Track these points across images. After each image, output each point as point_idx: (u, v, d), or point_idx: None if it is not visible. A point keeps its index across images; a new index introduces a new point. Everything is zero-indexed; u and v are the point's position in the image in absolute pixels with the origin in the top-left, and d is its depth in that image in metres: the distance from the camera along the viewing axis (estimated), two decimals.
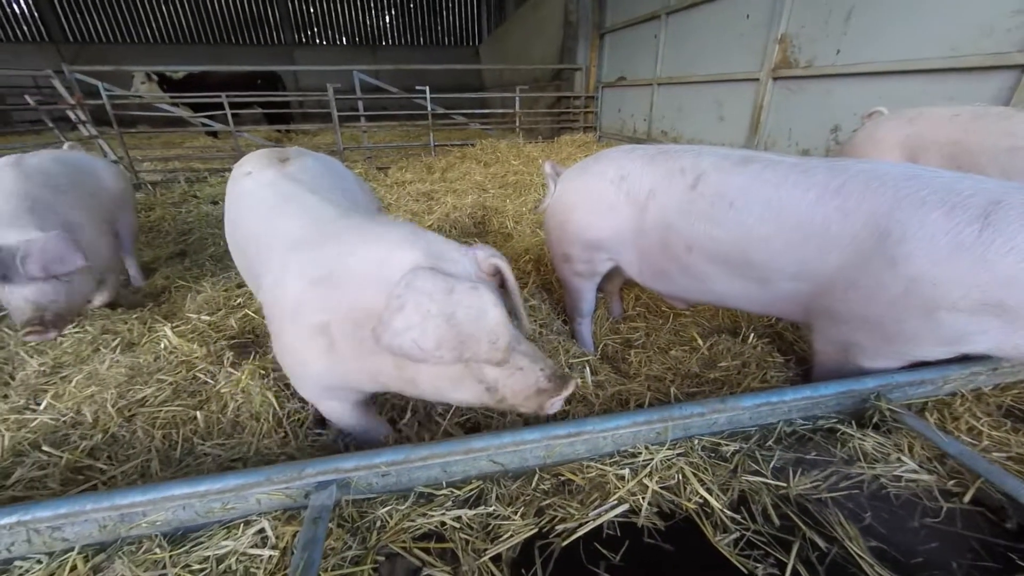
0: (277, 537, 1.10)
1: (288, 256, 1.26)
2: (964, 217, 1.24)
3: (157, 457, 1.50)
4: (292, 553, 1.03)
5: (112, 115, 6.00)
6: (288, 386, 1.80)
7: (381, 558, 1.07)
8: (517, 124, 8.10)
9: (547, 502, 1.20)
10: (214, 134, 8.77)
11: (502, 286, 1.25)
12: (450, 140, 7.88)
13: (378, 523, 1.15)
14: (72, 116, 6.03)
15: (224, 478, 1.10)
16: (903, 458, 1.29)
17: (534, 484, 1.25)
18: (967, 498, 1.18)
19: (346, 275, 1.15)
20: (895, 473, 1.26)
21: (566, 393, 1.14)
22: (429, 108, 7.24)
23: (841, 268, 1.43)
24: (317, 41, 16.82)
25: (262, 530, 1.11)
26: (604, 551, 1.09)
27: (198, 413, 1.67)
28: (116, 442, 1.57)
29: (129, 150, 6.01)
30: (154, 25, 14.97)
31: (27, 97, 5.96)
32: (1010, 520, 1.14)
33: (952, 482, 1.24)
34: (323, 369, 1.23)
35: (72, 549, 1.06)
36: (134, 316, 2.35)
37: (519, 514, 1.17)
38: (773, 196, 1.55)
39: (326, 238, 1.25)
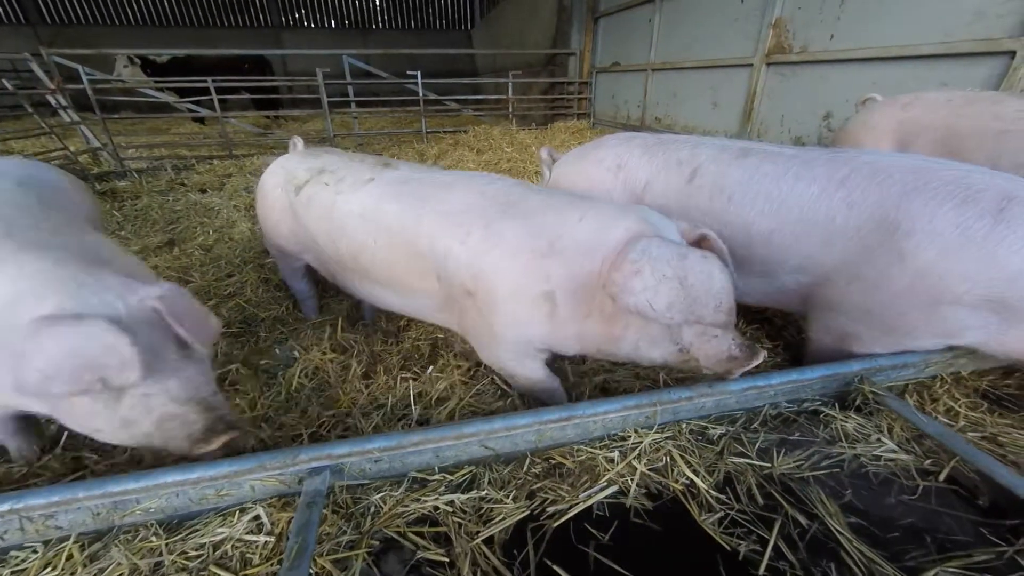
0: (273, 523, 1.11)
1: (495, 232, 1.34)
2: (975, 211, 1.23)
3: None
4: (287, 539, 1.05)
5: (94, 100, 5.84)
6: (274, 376, 1.82)
7: (376, 543, 1.09)
8: (510, 110, 8.01)
9: (538, 485, 1.23)
10: (201, 120, 8.58)
11: None
12: (442, 127, 7.78)
13: (372, 509, 1.16)
14: (52, 101, 5.85)
15: (217, 465, 1.11)
16: (883, 438, 1.33)
17: (525, 468, 1.28)
18: (942, 476, 1.23)
19: (568, 246, 1.27)
20: (875, 453, 1.30)
21: (756, 362, 1.23)
22: (421, 94, 7.13)
23: (844, 261, 1.44)
24: (305, 24, 16.39)
25: (257, 516, 1.12)
26: (594, 531, 1.12)
27: None
28: None
29: (113, 136, 5.87)
30: (136, 6, 14.48)
31: (4, 81, 5.78)
32: (982, 497, 1.18)
33: (928, 461, 1.28)
34: (542, 334, 1.36)
35: (68, 538, 1.07)
36: None
37: (511, 497, 1.19)
38: (773, 190, 1.54)
39: (534, 212, 1.35)
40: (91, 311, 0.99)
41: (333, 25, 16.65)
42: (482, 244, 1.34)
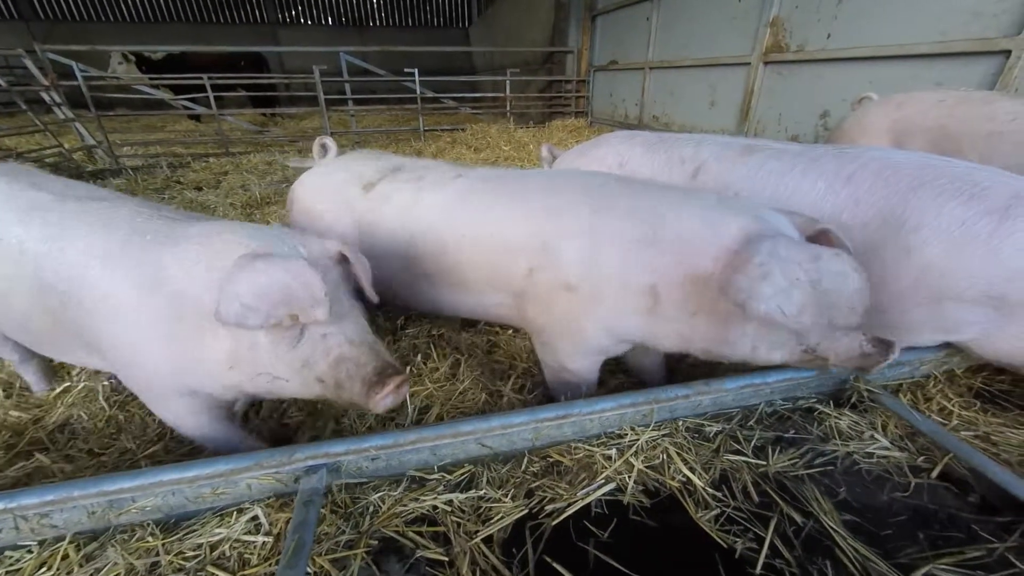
0: (271, 523, 1.11)
1: (602, 227, 1.32)
2: (981, 208, 1.24)
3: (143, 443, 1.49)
4: (286, 538, 1.05)
5: (88, 97, 5.80)
6: None
7: (375, 542, 1.09)
8: (508, 108, 8.00)
9: (536, 484, 1.23)
10: (197, 118, 8.53)
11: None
12: (440, 125, 7.76)
13: (371, 508, 1.16)
14: (46, 98, 5.81)
15: (213, 463, 1.10)
16: (876, 436, 1.34)
17: (523, 467, 1.28)
18: (935, 473, 1.24)
19: (678, 239, 1.23)
20: (868, 450, 1.31)
21: (893, 357, 1.19)
22: (418, 91, 7.11)
23: None
24: (302, 20, 16.29)
25: (255, 517, 1.12)
26: (592, 528, 1.12)
27: None
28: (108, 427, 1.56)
29: (108, 134, 5.83)
30: (131, 2, 14.36)
31: None
32: (973, 494, 1.19)
33: (921, 458, 1.29)
34: (640, 326, 1.34)
35: (63, 537, 1.06)
36: None
37: (509, 496, 1.20)
38: (779, 186, 1.55)
39: (640, 206, 1.32)
40: (283, 254, 1.08)
41: (330, 22, 16.56)
42: (588, 239, 1.32)
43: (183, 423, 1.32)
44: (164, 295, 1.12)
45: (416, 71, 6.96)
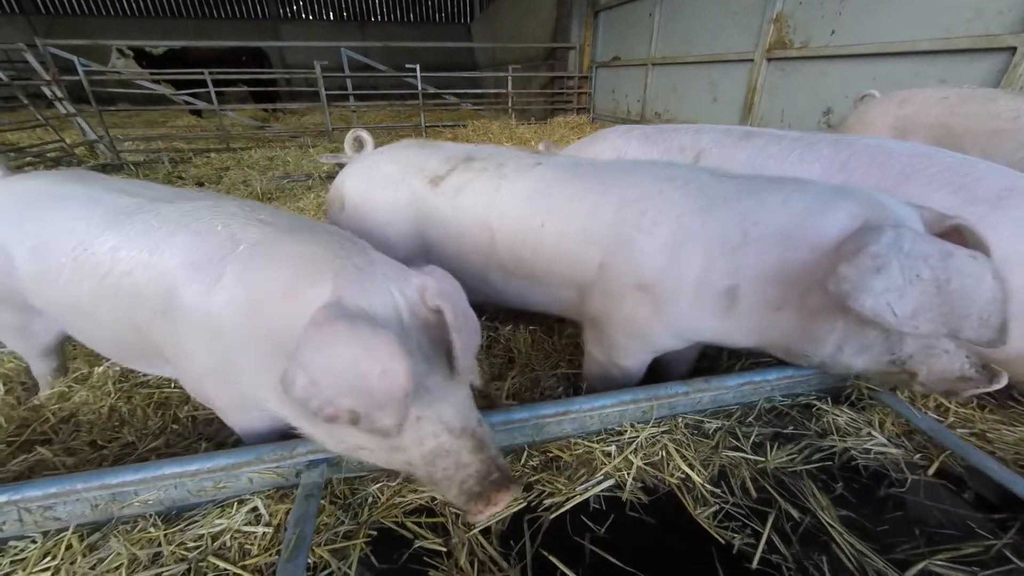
0: (271, 515, 1.12)
1: (685, 225, 1.22)
2: (970, 197, 1.25)
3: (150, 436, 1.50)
4: (285, 530, 1.06)
5: (90, 92, 5.80)
6: None
7: (373, 532, 1.10)
8: (510, 105, 7.98)
9: (536, 478, 1.24)
10: (198, 113, 8.53)
11: None
12: (441, 121, 7.75)
13: (370, 499, 1.17)
14: (48, 93, 5.81)
15: (215, 457, 1.11)
16: (873, 432, 1.35)
17: (523, 461, 1.28)
18: (932, 470, 1.24)
19: (767, 234, 1.11)
20: (865, 446, 1.31)
21: (996, 386, 1.06)
22: (420, 87, 7.09)
23: None
24: (303, 16, 16.24)
25: (255, 508, 1.13)
26: (590, 523, 1.13)
27: None
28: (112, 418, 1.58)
29: (109, 129, 5.84)
30: None
31: None
32: (969, 491, 1.20)
33: (918, 455, 1.30)
34: (712, 327, 1.25)
35: (66, 529, 1.07)
36: None
37: None
38: (777, 170, 1.56)
39: (728, 200, 1.20)
40: (373, 308, 0.86)
41: (331, 17, 16.50)
42: (670, 239, 1.23)
43: (247, 431, 1.23)
44: (254, 319, 0.95)
45: (418, 67, 6.94)
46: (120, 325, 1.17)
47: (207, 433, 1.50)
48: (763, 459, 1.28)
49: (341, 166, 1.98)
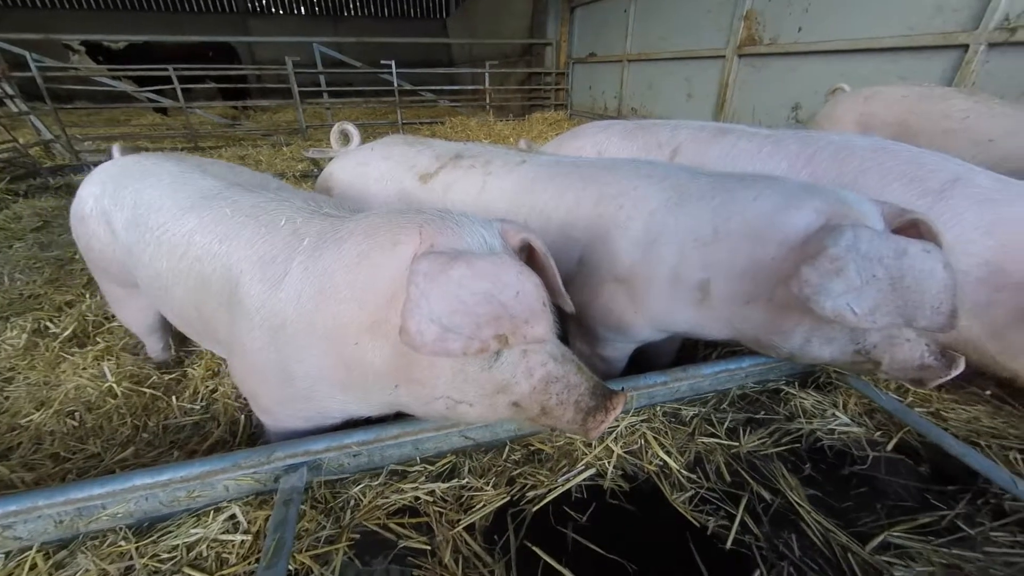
0: (249, 522, 1.10)
1: (658, 222, 1.26)
2: (919, 189, 1.33)
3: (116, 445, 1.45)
4: (265, 537, 1.04)
5: (44, 88, 5.52)
6: None
7: (356, 535, 1.09)
8: (487, 101, 7.94)
9: (518, 472, 1.25)
10: (163, 111, 8.20)
11: None
12: (419, 118, 7.67)
13: (352, 502, 1.16)
14: None
15: (188, 466, 1.08)
16: (837, 413, 1.42)
17: (505, 456, 1.29)
18: (891, 446, 1.32)
19: (737, 230, 1.16)
20: (830, 427, 1.38)
21: (955, 372, 1.09)
22: (396, 84, 6.99)
23: None
24: (273, 10, 15.76)
25: (233, 515, 1.11)
26: (572, 513, 1.15)
27: (173, 399, 1.63)
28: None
29: (67, 128, 5.57)
30: None
31: None
32: (924, 465, 1.27)
33: (879, 433, 1.37)
34: (687, 319, 1.29)
35: (30, 548, 1.03)
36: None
37: (491, 485, 1.21)
38: (748, 166, 1.63)
39: (702, 196, 1.24)
40: (469, 247, 0.86)
41: (303, 11, 16.07)
42: (644, 234, 1.27)
43: (285, 430, 1.22)
44: (323, 306, 0.93)
45: (393, 63, 6.83)
46: (190, 308, 1.21)
47: (179, 441, 1.46)
48: (736, 444, 1.33)
49: (316, 163, 1.99)
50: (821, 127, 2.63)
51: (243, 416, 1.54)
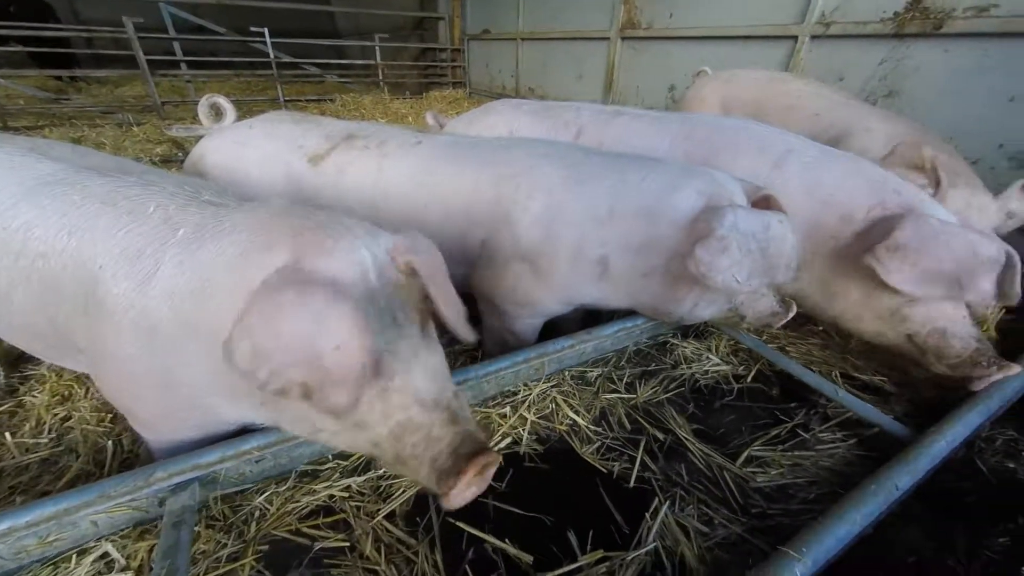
0: (128, 557, 0.97)
1: (557, 200, 1.32)
2: (764, 160, 1.57)
3: None
4: (151, 569, 0.92)
5: None
6: None
7: (265, 547, 1.02)
8: (380, 77, 7.47)
9: None
10: None
11: None
12: (304, 95, 6.96)
13: (256, 513, 1.08)
14: None
15: (35, 507, 0.90)
16: (710, 356, 1.66)
17: None
18: (750, 378, 1.59)
19: (630, 210, 1.27)
20: (704, 368, 1.62)
21: (791, 314, 1.39)
22: (272, 55, 6.24)
23: None
24: None
25: (105, 554, 0.96)
26: (492, 482, 1.19)
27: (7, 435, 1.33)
28: None
29: None
30: None
31: None
32: (775, 388, 1.56)
33: (741, 368, 1.64)
34: (591, 292, 1.40)
35: None
36: None
37: None
38: (639, 143, 1.81)
39: (595, 176, 1.32)
40: (336, 268, 0.75)
41: None
42: (544, 212, 1.33)
43: (171, 444, 1.09)
44: (200, 305, 0.83)
45: (266, 31, 6.07)
46: (37, 317, 1.02)
47: (22, 484, 1.21)
48: (634, 396, 1.48)
49: (180, 146, 1.74)
50: (691, 106, 2.94)
51: (110, 442, 1.31)
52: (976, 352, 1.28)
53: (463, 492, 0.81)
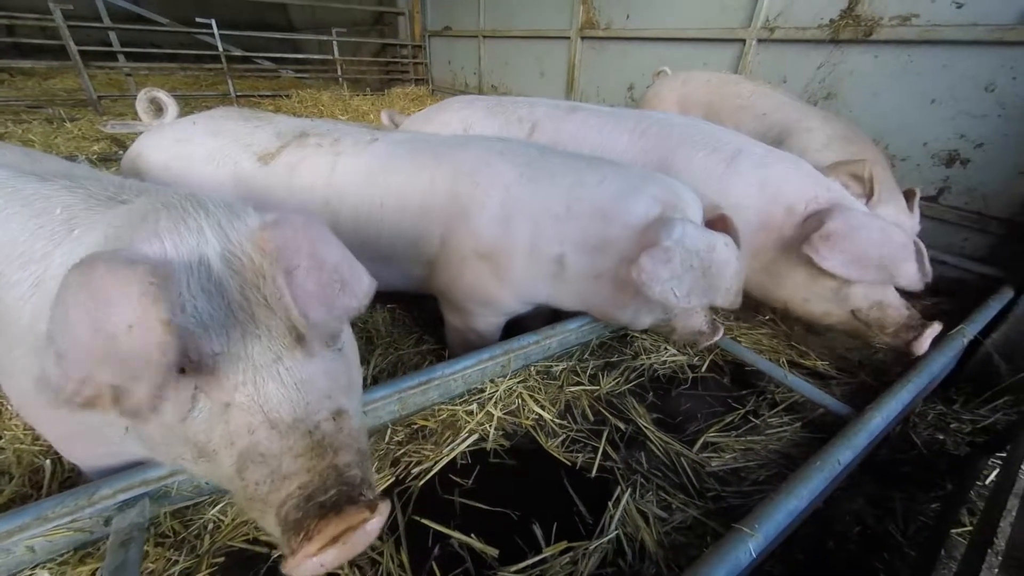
0: None
1: (514, 197, 1.32)
2: (717, 158, 1.65)
3: None
4: None
5: None
6: None
7: (220, 559, 0.98)
8: (339, 73, 7.26)
9: (402, 452, 1.25)
10: None
11: None
12: (257, 90, 6.66)
13: (210, 525, 1.03)
14: None
15: None
16: (667, 347, 1.73)
17: (387, 438, 1.28)
18: (705, 367, 1.67)
19: (586, 210, 1.29)
20: (662, 359, 1.68)
21: (717, 338, 1.42)
22: (220, 48, 5.93)
23: None
24: None
25: None
26: (458, 480, 1.20)
27: None
28: None
29: None
30: None
31: None
32: (727, 376, 1.65)
33: (696, 358, 1.72)
34: (547, 291, 1.42)
35: None
36: None
37: (375, 469, 1.19)
38: (596, 139, 1.84)
39: (553, 175, 1.33)
40: (159, 250, 0.62)
41: None
42: (501, 209, 1.33)
43: (94, 468, 1.01)
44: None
45: (214, 22, 5.77)
46: None
47: None
48: (597, 388, 1.52)
49: (120, 143, 1.64)
50: (650, 105, 3.04)
51: (48, 461, 1.23)
52: (909, 318, 1.44)
53: (311, 560, 0.57)
